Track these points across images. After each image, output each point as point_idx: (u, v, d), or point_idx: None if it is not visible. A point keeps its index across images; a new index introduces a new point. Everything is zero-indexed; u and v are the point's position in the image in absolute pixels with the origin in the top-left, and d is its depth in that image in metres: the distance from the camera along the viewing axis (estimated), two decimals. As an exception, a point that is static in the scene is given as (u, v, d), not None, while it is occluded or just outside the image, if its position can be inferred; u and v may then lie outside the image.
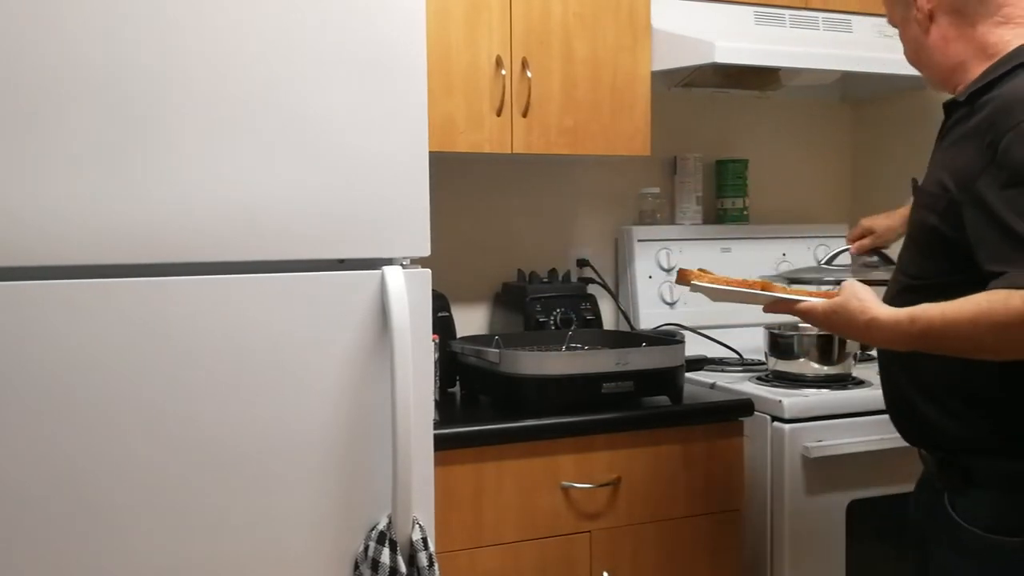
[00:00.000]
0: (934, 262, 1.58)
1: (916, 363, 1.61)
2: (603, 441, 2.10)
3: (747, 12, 2.62)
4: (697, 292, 1.86)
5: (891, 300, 1.65)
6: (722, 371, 2.56)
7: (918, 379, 1.63)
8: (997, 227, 1.43)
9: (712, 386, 2.41)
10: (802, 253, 2.96)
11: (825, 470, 2.23)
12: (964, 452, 1.58)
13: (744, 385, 2.38)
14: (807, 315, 1.66)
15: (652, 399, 2.19)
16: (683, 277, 1.82)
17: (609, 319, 2.78)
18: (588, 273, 2.79)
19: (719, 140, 3.00)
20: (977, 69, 1.59)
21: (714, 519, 2.21)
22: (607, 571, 2.10)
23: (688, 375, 2.33)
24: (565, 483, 2.07)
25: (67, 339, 1.53)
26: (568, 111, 2.38)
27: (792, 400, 2.23)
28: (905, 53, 1.74)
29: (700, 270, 1.84)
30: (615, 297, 2.82)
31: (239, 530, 1.64)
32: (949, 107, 1.64)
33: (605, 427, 2.10)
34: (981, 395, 1.56)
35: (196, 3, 1.58)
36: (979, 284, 1.43)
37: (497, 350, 2.14)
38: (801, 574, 2.24)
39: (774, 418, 2.25)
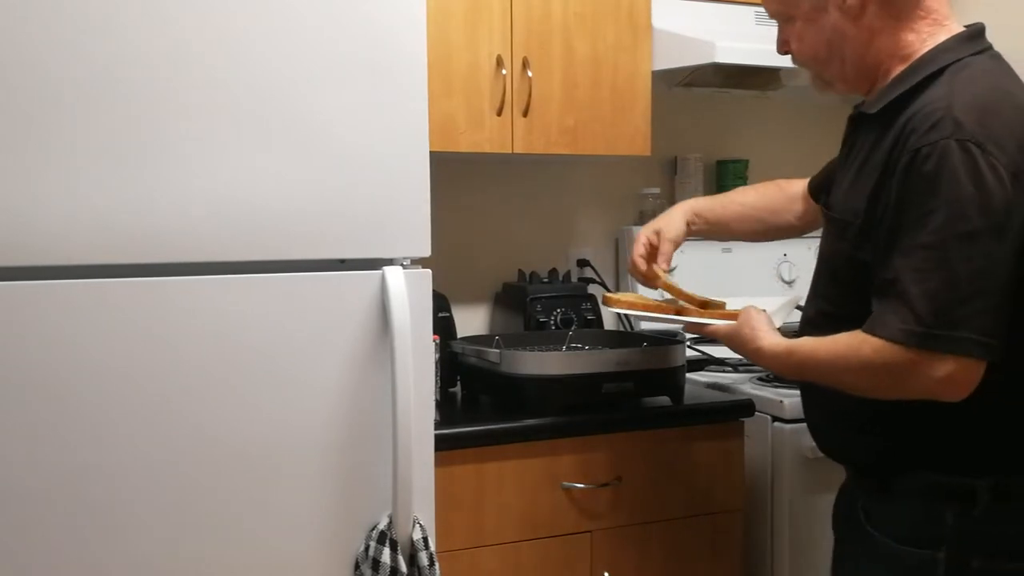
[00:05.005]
0: (850, 290, 1.54)
1: (817, 388, 1.60)
2: (603, 441, 2.10)
3: (747, 12, 2.62)
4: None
5: (805, 326, 1.63)
6: (723, 371, 2.56)
7: (825, 404, 1.63)
8: (885, 260, 1.42)
9: (713, 386, 2.41)
10: (802, 253, 2.95)
11: (825, 470, 2.22)
12: (879, 466, 1.55)
13: (745, 385, 2.38)
14: (714, 336, 1.75)
15: (652, 399, 2.19)
16: (605, 301, 2.05)
17: (609, 319, 2.78)
18: (588, 273, 2.79)
19: (719, 140, 3.00)
20: (894, 70, 1.54)
21: (714, 519, 2.21)
22: (608, 571, 2.10)
23: (689, 375, 2.33)
24: (566, 483, 2.07)
25: (67, 339, 1.53)
26: (568, 111, 2.38)
27: (793, 400, 2.23)
28: (800, 49, 1.62)
29: (623, 294, 2.14)
30: (615, 297, 2.82)
31: (239, 530, 1.64)
32: (856, 120, 1.61)
33: (605, 427, 2.10)
34: (884, 418, 1.52)
35: (197, 3, 1.58)
36: None
37: (498, 350, 2.14)
38: (801, 574, 2.24)
39: (775, 418, 2.25)
